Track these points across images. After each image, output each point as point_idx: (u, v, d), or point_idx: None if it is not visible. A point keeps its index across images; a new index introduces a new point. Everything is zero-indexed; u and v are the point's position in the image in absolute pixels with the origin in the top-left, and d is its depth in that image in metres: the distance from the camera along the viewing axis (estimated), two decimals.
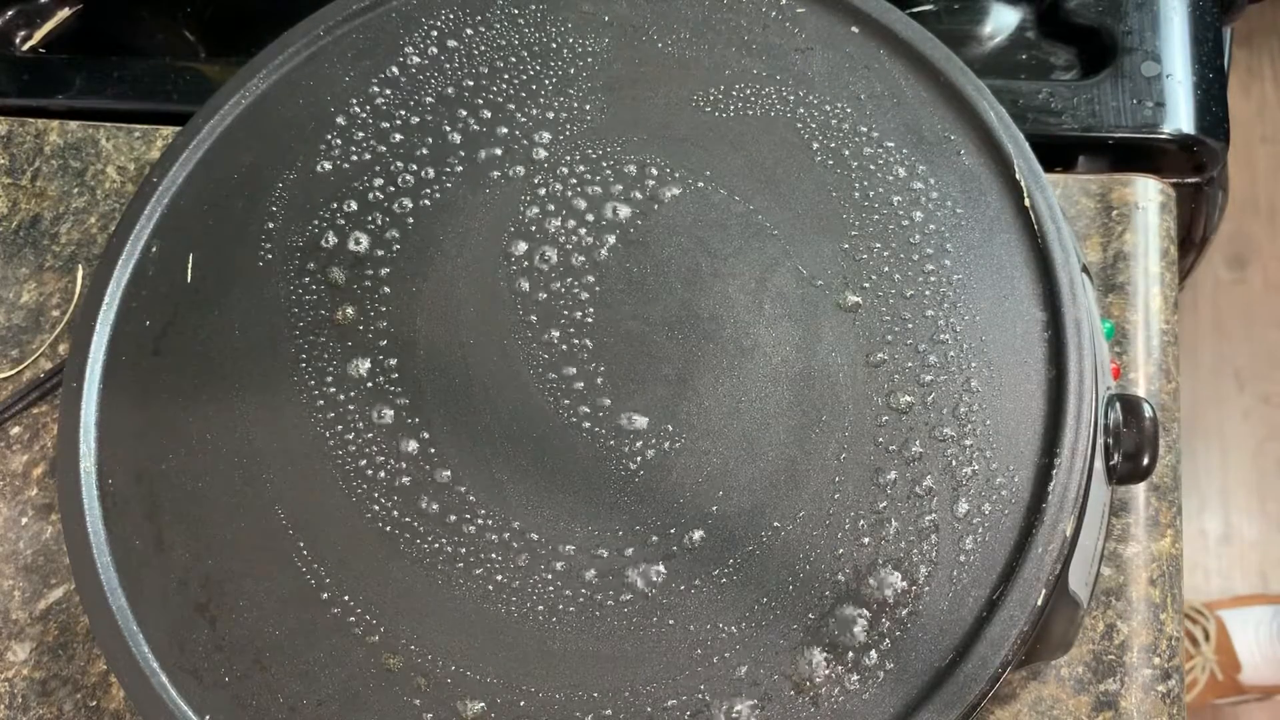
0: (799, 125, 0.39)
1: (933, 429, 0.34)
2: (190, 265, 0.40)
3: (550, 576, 0.34)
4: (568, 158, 0.40)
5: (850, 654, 0.31)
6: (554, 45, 0.42)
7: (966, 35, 0.55)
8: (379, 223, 0.40)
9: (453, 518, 0.35)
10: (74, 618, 0.46)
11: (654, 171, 0.39)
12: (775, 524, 0.33)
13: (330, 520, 0.35)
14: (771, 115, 0.39)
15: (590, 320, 0.37)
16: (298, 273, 0.39)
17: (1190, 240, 0.55)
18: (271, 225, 0.40)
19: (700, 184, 0.39)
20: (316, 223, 0.40)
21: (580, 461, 0.35)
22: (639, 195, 0.39)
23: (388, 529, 0.35)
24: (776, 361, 0.36)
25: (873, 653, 0.31)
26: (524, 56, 0.42)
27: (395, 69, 0.42)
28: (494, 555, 0.34)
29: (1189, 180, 0.50)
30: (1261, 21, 1.32)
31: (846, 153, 0.38)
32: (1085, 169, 0.50)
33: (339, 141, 0.41)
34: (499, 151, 0.40)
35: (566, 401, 0.36)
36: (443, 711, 0.32)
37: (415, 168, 0.40)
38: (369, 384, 0.37)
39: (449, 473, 0.36)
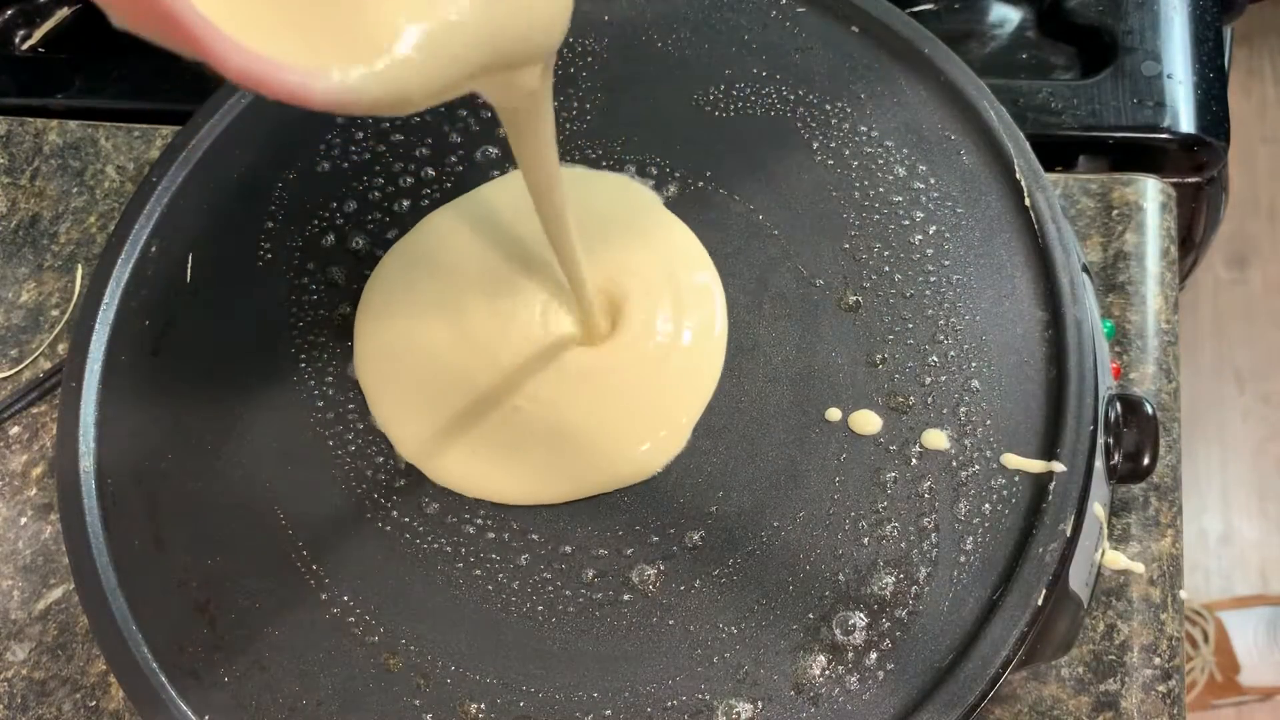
0: (799, 125, 0.39)
1: (933, 429, 0.34)
2: (190, 265, 0.40)
3: (550, 576, 0.34)
4: (568, 158, 0.40)
5: (850, 654, 0.31)
6: None
7: (966, 35, 0.55)
8: (379, 223, 0.40)
9: (453, 518, 0.35)
10: (73, 618, 0.46)
11: (654, 171, 0.39)
12: (775, 524, 0.33)
13: (330, 520, 0.35)
14: (771, 115, 0.39)
15: None
16: (297, 273, 0.39)
17: (1190, 240, 0.55)
18: (271, 225, 0.40)
19: (700, 184, 0.39)
20: (316, 223, 0.40)
21: None
22: None
23: (388, 529, 0.35)
24: (777, 361, 0.36)
25: (873, 653, 0.31)
26: None
27: None
28: (494, 555, 0.34)
29: (1189, 180, 0.50)
30: (1261, 21, 1.32)
31: (846, 152, 0.38)
32: (1085, 169, 0.50)
33: (339, 141, 0.41)
34: (498, 151, 0.40)
35: None
36: (443, 711, 0.32)
37: (415, 168, 0.40)
38: None
39: None
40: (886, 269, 0.36)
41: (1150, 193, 0.48)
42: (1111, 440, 0.36)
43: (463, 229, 0.39)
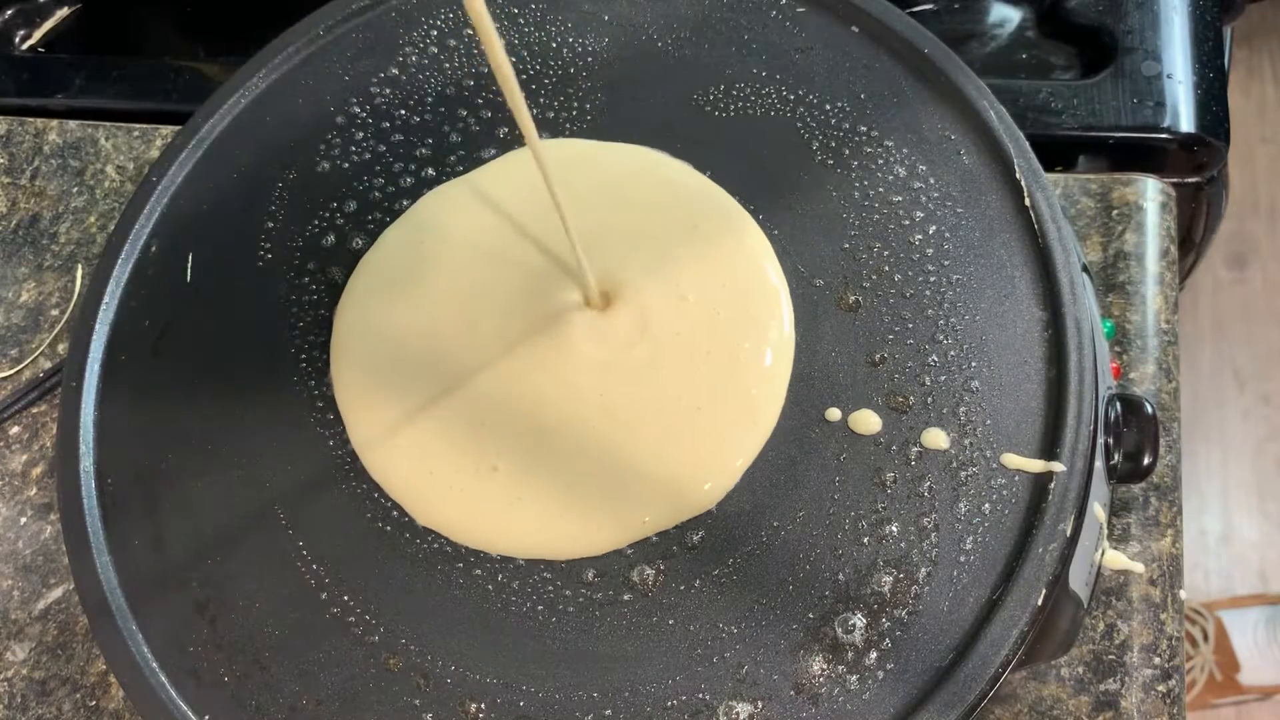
0: (799, 125, 0.39)
1: (933, 429, 0.33)
2: (190, 265, 0.40)
3: (550, 576, 0.34)
4: None
5: (850, 654, 0.31)
6: (554, 45, 0.42)
7: (966, 35, 0.55)
8: (379, 223, 0.40)
9: None
10: (73, 617, 0.46)
11: None
12: (775, 524, 0.33)
13: (330, 520, 0.35)
14: (771, 115, 0.39)
15: None
16: (298, 273, 0.39)
17: (1190, 240, 0.55)
18: (271, 225, 0.40)
19: None
20: (316, 223, 0.40)
21: None
22: None
23: (388, 529, 0.35)
24: None
25: (873, 653, 0.31)
26: (524, 56, 0.42)
27: (395, 69, 0.42)
28: (494, 555, 0.34)
29: (1189, 180, 0.50)
30: (1261, 21, 1.32)
31: (846, 152, 0.38)
32: (1085, 168, 0.50)
33: (339, 141, 0.41)
34: (499, 152, 0.40)
35: None
36: (443, 711, 0.32)
37: (415, 168, 0.40)
38: None
39: None
40: (886, 269, 0.36)
41: (1150, 193, 0.48)
42: (1111, 440, 0.36)
43: (456, 212, 0.38)
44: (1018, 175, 0.36)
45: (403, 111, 0.41)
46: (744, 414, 0.33)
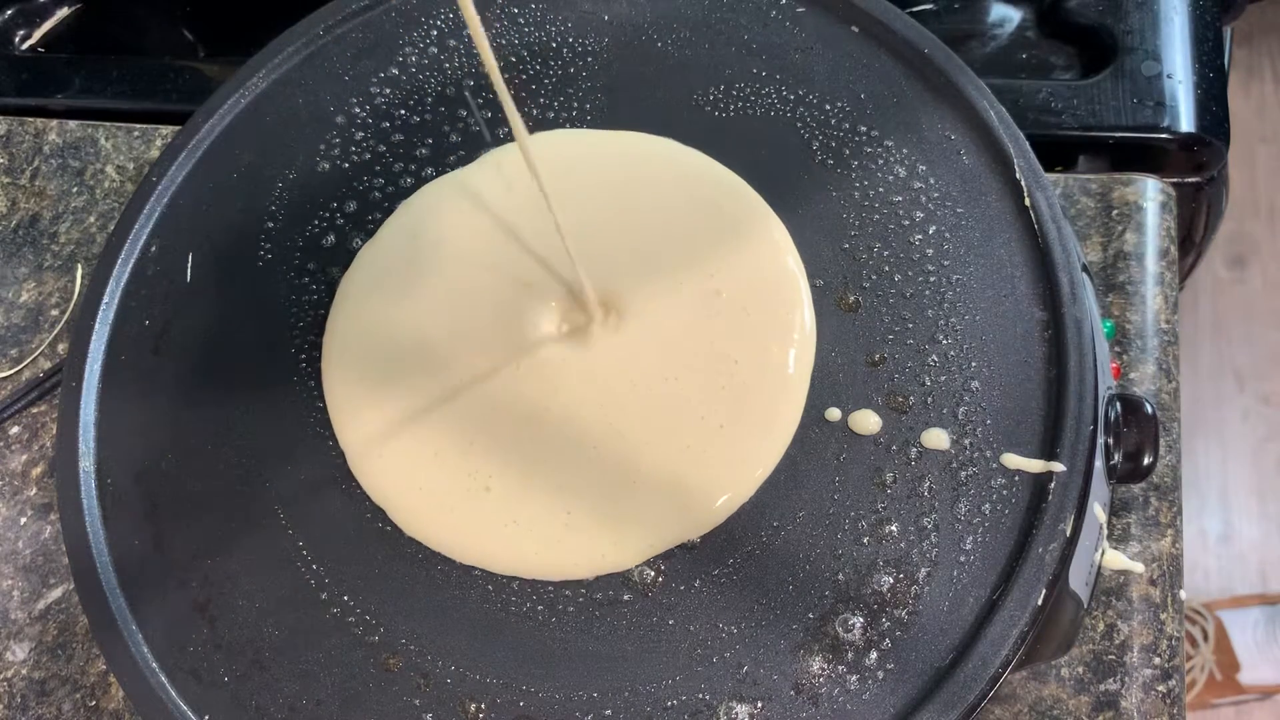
0: (799, 125, 0.39)
1: (933, 429, 0.33)
2: (189, 265, 0.40)
3: None
4: None
5: (850, 654, 0.31)
6: (554, 45, 0.42)
7: (966, 35, 0.55)
8: (379, 223, 0.40)
9: None
10: (73, 617, 0.46)
11: None
12: (775, 524, 0.33)
13: (330, 520, 0.35)
14: (771, 115, 0.39)
15: None
16: (298, 273, 0.39)
17: (1190, 240, 0.55)
18: (271, 225, 0.40)
19: None
20: (316, 223, 0.40)
21: None
22: None
23: (388, 529, 0.35)
24: None
25: (873, 653, 0.31)
26: (524, 56, 0.42)
27: (395, 69, 0.42)
28: None
29: (1189, 180, 0.50)
30: (1261, 21, 1.32)
31: (846, 152, 0.38)
32: (1085, 168, 0.50)
33: (339, 141, 0.41)
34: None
35: None
36: (443, 711, 0.32)
37: (415, 168, 0.40)
38: None
39: None
40: (886, 269, 0.36)
41: (1150, 192, 0.48)
42: (1111, 440, 0.36)
43: (454, 210, 0.38)
44: (1018, 175, 0.36)
45: (403, 111, 0.41)
46: (767, 426, 0.32)
